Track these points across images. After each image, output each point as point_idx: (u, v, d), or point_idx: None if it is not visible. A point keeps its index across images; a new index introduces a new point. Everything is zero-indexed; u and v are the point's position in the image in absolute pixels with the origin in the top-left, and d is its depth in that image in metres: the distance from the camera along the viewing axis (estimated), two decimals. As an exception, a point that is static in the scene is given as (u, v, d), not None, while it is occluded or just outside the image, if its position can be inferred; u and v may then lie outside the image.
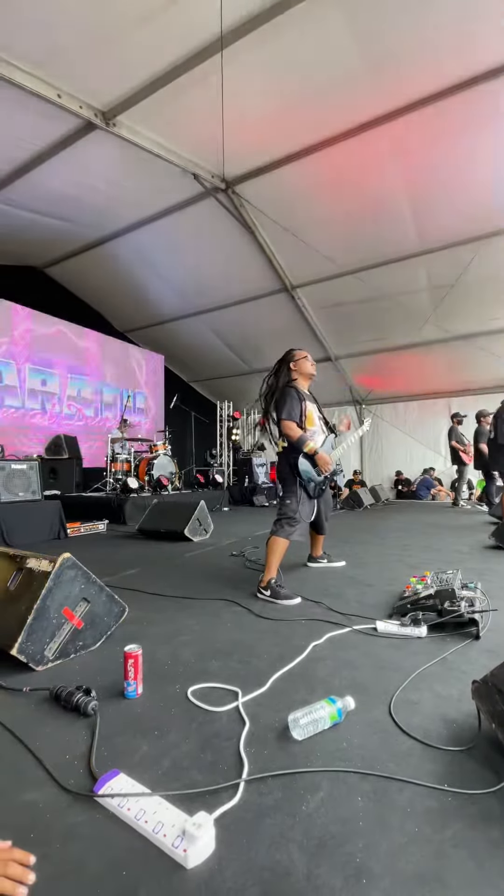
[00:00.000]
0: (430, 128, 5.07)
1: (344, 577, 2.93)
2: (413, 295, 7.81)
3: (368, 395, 11.53)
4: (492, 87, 4.55)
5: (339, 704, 1.24)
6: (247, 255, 7.58)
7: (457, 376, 9.97)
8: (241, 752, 1.12)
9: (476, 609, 1.88)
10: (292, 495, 2.64)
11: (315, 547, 3.24)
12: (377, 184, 5.95)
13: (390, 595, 2.46)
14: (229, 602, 2.40)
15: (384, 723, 1.26)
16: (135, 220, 7.13)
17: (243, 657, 1.70)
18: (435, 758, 1.10)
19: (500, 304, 7.80)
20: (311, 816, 0.93)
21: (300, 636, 1.88)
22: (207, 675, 1.54)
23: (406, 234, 6.68)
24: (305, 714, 1.19)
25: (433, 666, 1.59)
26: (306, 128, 5.27)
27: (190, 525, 4.29)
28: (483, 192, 5.79)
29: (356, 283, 7.74)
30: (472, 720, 1.22)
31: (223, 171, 5.94)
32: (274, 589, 2.41)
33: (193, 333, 10.20)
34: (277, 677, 1.52)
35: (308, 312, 8.86)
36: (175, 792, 0.98)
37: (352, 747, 1.15)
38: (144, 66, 4.53)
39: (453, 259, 6.77)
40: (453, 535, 4.70)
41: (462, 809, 0.94)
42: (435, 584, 2.15)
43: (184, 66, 4.44)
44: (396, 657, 1.68)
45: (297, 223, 6.64)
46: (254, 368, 10.73)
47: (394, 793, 0.99)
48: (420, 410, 11.19)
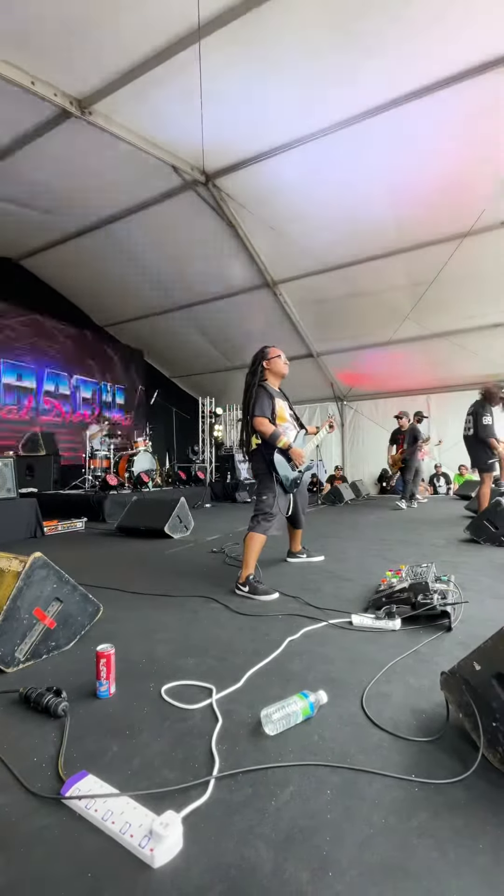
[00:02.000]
0: (409, 125, 5.11)
1: (322, 572, 2.95)
2: (393, 292, 7.89)
3: (349, 391, 11.63)
4: (469, 86, 4.61)
5: (312, 699, 1.25)
6: (228, 250, 7.53)
7: (435, 373, 10.13)
8: (213, 750, 1.11)
9: (448, 601, 1.91)
10: (268, 491, 2.64)
11: (294, 542, 3.26)
12: (356, 180, 5.98)
13: (367, 589, 2.49)
14: (207, 599, 2.40)
15: (356, 716, 1.27)
16: (113, 212, 7.01)
17: (219, 654, 1.70)
18: (404, 749, 1.12)
19: (476, 302, 7.94)
20: (280, 811, 0.93)
21: (277, 631, 1.89)
22: (182, 673, 1.54)
23: (386, 231, 6.74)
24: (278, 709, 1.19)
25: (406, 658, 1.62)
26: (285, 122, 5.25)
27: (170, 522, 4.26)
28: (460, 191, 5.86)
29: (337, 279, 7.78)
30: (442, 711, 1.24)
31: (203, 164, 5.87)
32: (252, 585, 2.41)
33: (175, 328, 10.11)
34: (252, 673, 1.52)
35: (290, 308, 8.87)
36: (144, 792, 0.97)
37: (323, 741, 1.16)
38: (121, 56, 4.44)
39: (432, 257, 6.85)
40: (430, 529, 4.79)
41: (428, 799, 0.96)
42: (409, 578, 2.18)
43: (161, 57, 4.38)
44: (370, 650, 1.70)
45: (278, 219, 6.63)
46: (236, 364, 10.69)
47: (362, 785, 1.00)
48: (400, 407, 11.31)
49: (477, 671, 1.07)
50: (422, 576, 2.17)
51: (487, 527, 3.68)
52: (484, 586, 2.50)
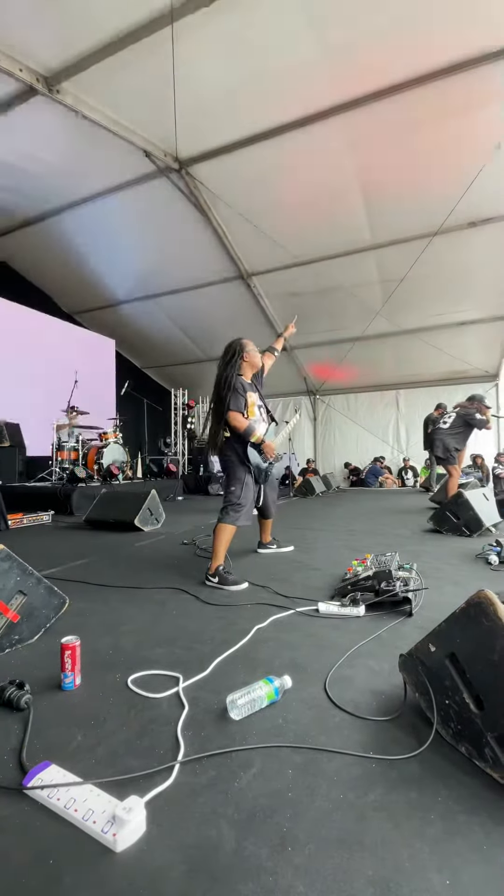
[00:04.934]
0: (383, 123, 5.17)
1: (291, 562, 3.00)
2: (365, 288, 8.01)
3: (322, 385, 11.77)
4: (444, 85, 4.68)
5: (277, 684, 1.28)
6: (202, 240, 7.44)
7: (405, 369, 10.37)
8: (179, 736, 1.13)
9: (409, 588, 1.99)
10: (237, 482, 2.66)
11: (264, 533, 3.29)
12: (331, 175, 6.01)
13: (334, 578, 2.55)
14: (177, 590, 2.40)
15: (319, 699, 1.31)
16: (83, 195, 6.79)
17: (187, 643, 1.71)
18: (363, 728, 1.17)
19: (444, 301, 8.17)
20: (243, 791, 0.96)
21: (245, 620, 1.91)
22: (149, 663, 1.54)
23: (359, 228, 6.81)
24: (243, 695, 1.22)
25: (369, 643, 1.67)
26: (261, 112, 5.21)
27: (140, 514, 4.22)
28: (432, 191, 5.98)
29: (310, 273, 7.83)
30: (400, 691, 1.29)
31: (176, 150, 5.76)
32: (221, 575, 2.43)
33: (147, 318, 9.93)
34: (220, 661, 1.54)
35: (264, 301, 8.86)
36: (108, 779, 0.98)
37: (287, 723, 1.19)
38: (91, 33, 4.29)
39: (403, 254, 6.98)
40: (396, 519, 4.94)
41: (384, 774, 1.00)
42: (374, 566, 2.25)
43: (133, 37, 4.25)
44: (335, 636, 1.75)
45: (253, 210, 6.59)
46: (210, 356, 10.61)
47: (323, 763, 1.04)
48: (370, 401, 11.59)
49: (432, 652, 1.12)
50: (385, 564, 2.24)
51: (450, 517, 3.83)
52: (444, 574, 2.60)
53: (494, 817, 0.89)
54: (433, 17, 4.07)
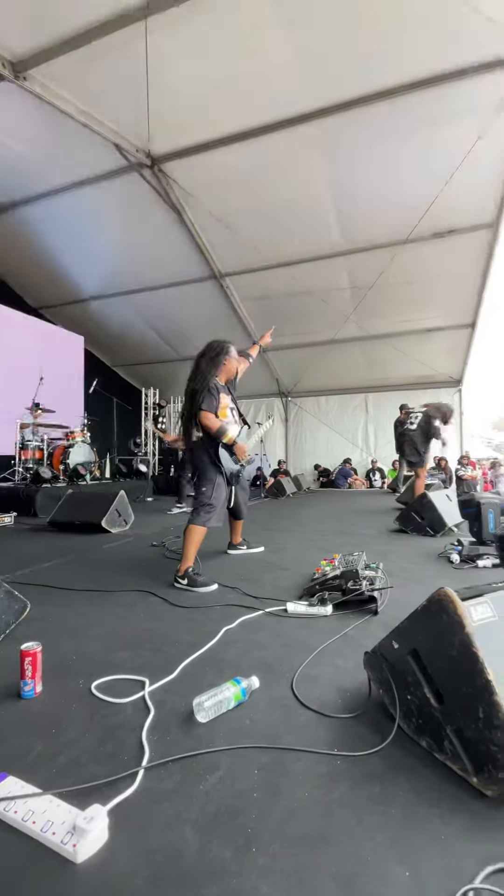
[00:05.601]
0: (353, 132, 5.28)
1: (261, 563, 3.01)
2: (335, 293, 8.14)
3: (294, 387, 11.88)
4: (413, 99, 4.82)
5: (244, 684, 1.28)
6: (175, 238, 7.37)
7: (374, 373, 10.62)
8: (143, 741, 1.11)
9: (375, 587, 2.03)
10: (209, 483, 2.65)
11: (234, 534, 3.29)
12: (304, 181, 6.08)
13: (303, 578, 2.57)
14: (145, 593, 2.36)
15: (286, 698, 1.32)
16: (52, 187, 6.59)
17: (154, 647, 1.68)
18: (329, 726, 1.18)
19: (412, 308, 8.41)
20: (209, 794, 0.95)
21: (214, 622, 1.90)
22: (115, 668, 1.50)
23: (330, 234, 6.93)
24: (210, 697, 1.21)
25: (335, 641, 1.70)
26: (235, 113, 5.22)
27: (108, 516, 4.13)
28: (401, 201, 6.15)
29: (283, 276, 7.89)
30: (365, 688, 1.32)
31: (149, 146, 5.68)
32: (191, 577, 2.41)
33: (117, 315, 9.74)
34: (187, 664, 1.52)
35: (236, 302, 8.86)
36: (68, 788, 0.95)
37: (254, 724, 1.19)
38: (62, 21, 4.18)
39: (372, 261, 7.14)
40: (364, 520, 5.04)
41: (349, 771, 1.02)
42: (342, 566, 2.29)
43: (104, 29, 4.17)
44: (303, 635, 1.77)
45: (226, 210, 6.58)
46: (182, 356, 10.52)
47: (289, 763, 1.04)
48: (340, 404, 11.80)
49: (395, 649, 1.15)
50: (353, 564, 2.29)
51: (415, 518, 3.94)
52: (409, 573, 2.68)
53: (453, 808, 0.92)
54: (405, 32, 4.19)
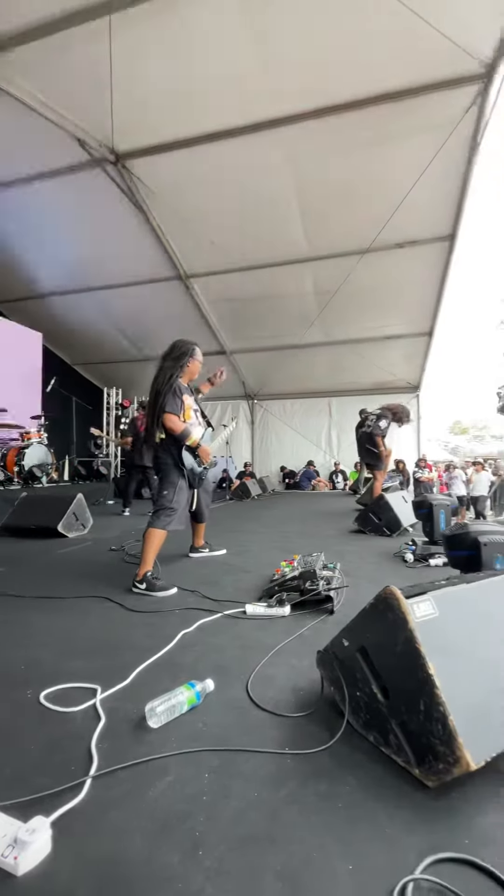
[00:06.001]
0: (319, 141, 5.39)
1: (223, 565, 3.01)
2: (301, 298, 8.28)
3: (260, 390, 11.97)
4: (376, 112, 4.97)
5: (199, 688, 1.28)
6: (139, 237, 7.26)
7: (338, 378, 10.86)
8: (93, 749, 1.08)
9: (332, 587, 2.08)
10: (171, 486, 2.63)
11: (196, 537, 3.27)
12: (270, 186, 6.15)
13: (264, 579, 2.59)
14: (101, 599, 2.30)
15: (241, 700, 1.33)
16: (9, 178, 6.33)
17: (109, 653, 1.65)
18: (281, 725, 1.20)
19: (374, 315, 8.68)
20: (158, 800, 0.94)
21: (171, 626, 1.89)
22: (66, 676, 1.46)
23: (296, 240, 7.03)
24: (163, 702, 1.20)
25: (292, 641, 1.72)
26: (201, 115, 5.22)
27: (65, 520, 4.00)
28: (363, 211, 6.34)
29: (250, 279, 7.94)
30: (317, 687, 1.34)
31: (113, 142, 5.58)
32: (149, 581, 2.38)
33: (78, 312, 9.47)
34: (142, 669, 1.50)
35: (203, 303, 8.83)
36: (11, 801, 0.91)
37: (207, 727, 1.19)
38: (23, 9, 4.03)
39: (336, 269, 7.32)
40: (326, 521, 5.14)
41: (298, 769, 1.04)
42: (301, 567, 2.33)
43: (67, 21, 4.07)
44: (260, 637, 1.78)
45: (192, 211, 6.56)
46: (146, 355, 10.36)
47: (240, 764, 1.05)
48: (305, 407, 11.99)
49: (345, 647, 1.18)
50: (311, 564, 2.33)
51: (373, 518, 4.06)
52: (365, 572, 2.76)
53: (397, 801, 0.95)
54: (368, 46, 4.32)
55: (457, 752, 0.91)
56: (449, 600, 1.10)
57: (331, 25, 4.17)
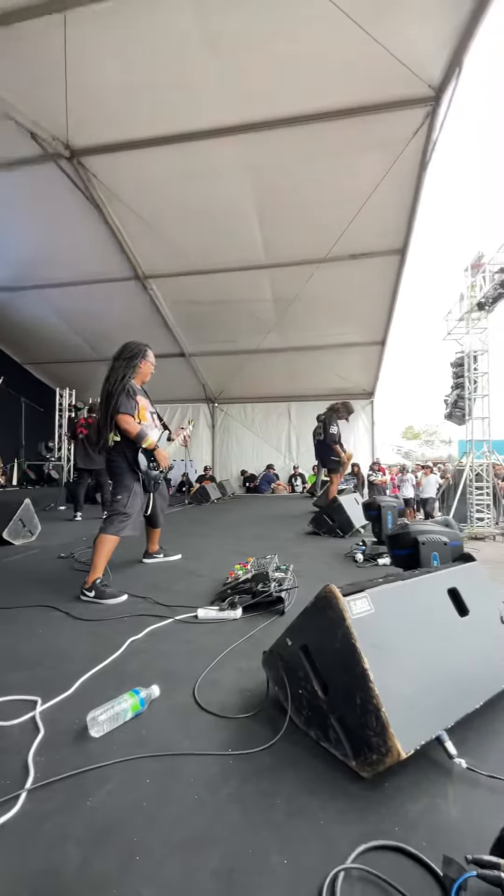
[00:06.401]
0: (275, 151, 5.49)
1: (177, 570, 2.98)
2: (260, 304, 8.37)
3: (220, 393, 11.97)
4: (336, 126, 5.12)
5: (143, 694, 1.26)
6: (95, 235, 7.08)
7: (296, 383, 11.06)
8: (29, 762, 1.05)
9: (283, 588, 2.12)
10: (124, 490, 2.58)
11: (151, 542, 3.23)
12: (228, 192, 6.19)
13: (217, 583, 2.59)
14: (47, 608, 2.22)
15: (187, 704, 1.32)
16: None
17: (52, 664, 1.59)
18: (226, 727, 1.21)
19: (330, 323, 8.92)
20: (96, 810, 0.93)
21: (119, 634, 1.85)
22: (5, 689, 1.40)
23: (254, 246, 7.11)
24: (105, 710, 1.18)
25: (242, 644, 1.74)
26: (159, 116, 5.18)
27: (10, 527, 3.82)
28: (321, 221, 6.50)
29: (209, 283, 7.94)
30: (264, 687, 1.37)
31: (67, 137, 5.43)
32: (98, 589, 2.32)
33: (29, 309, 9.09)
34: (86, 679, 1.46)
35: (161, 305, 8.73)
36: None
37: (151, 733, 1.18)
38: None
39: (294, 276, 7.46)
40: (283, 524, 5.21)
41: (240, 769, 1.05)
42: (254, 569, 2.35)
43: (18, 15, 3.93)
44: (211, 641, 1.78)
45: (151, 212, 6.49)
46: (102, 356, 10.06)
47: (182, 768, 1.05)
48: (265, 412, 12.11)
49: (289, 646, 1.21)
50: (264, 567, 2.36)
51: (326, 520, 4.16)
52: (317, 572, 2.82)
53: (333, 793, 0.98)
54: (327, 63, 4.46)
55: (389, 743, 0.95)
56: (385, 597, 1.15)
57: (288, 40, 4.27)
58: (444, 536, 1.96)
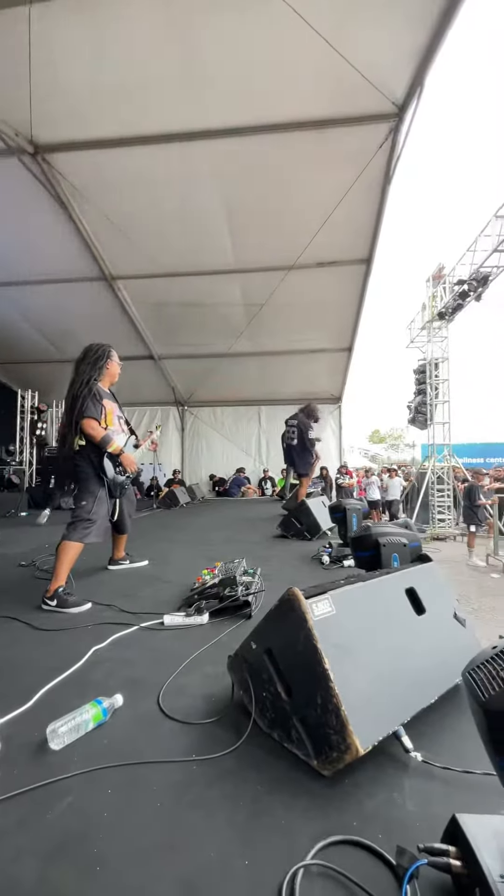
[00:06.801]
0: (244, 158, 5.54)
1: (143, 577, 2.94)
2: (229, 308, 8.39)
3: (190, 397, 11.89)
4: (305, 137, 5.20)
5: (106, 704, 1.25)
6: (60, 233, 6.91)
7: (266, 387, 11.13)
8: (-15, 780, 1.02)
9: (250, 591, 2.13)
10: (89, 496, 2.53)
11: (117, 549, 3.17)
12: (198, 196, 6.19)
13: (185, 589, 2.58)
14: (6, 619, 2.15)
15: (151, 712, 1.31)
16: None
17: (10, 677, 1.55)
18: (190, 733, 1.21)
19: (299, 329, 9.04)
20: (55, 823, 0.91)
21: (83, 643, 1.81)
22: (-41, 705, 1.35)
23: (224, 251, 7.13)
24: (66, 722, 1.15)
25: (208, 649, 1.74)
26: (127, 118, 5.13)
27: (-31, 533, 3.66)
28: (289, 228, 6.59)
29: (179, 286, 7.90)
30: (230, 692, 1.37)
31: (31, 133, 5.28)
32: (61, 597, 2.26)
33: (-12, 308, 8.75)
34: (46, 690, 1.43)
35: (130, 307, 8.61)
36: None
37: (114, 743, 1.17)
38: None
39: (263, 282, 7.53)
40: (252, 527, 5.23)
41: (204, 774, 1.06)
42: (221, 574, 2.35)
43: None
44: (177, 647, 1.77)
45: (119, 213, 6.40)
46: (67, 357, 9.79)
47: (145, 776, 1.04)
48: (235, 415, 12.13)
49: (253, 650, 1.23)
50: (232, 571, 2.37)
51: (295, 523, 4.21)
52: (284, 575, 2.86)
53: (295, 793, 1.00)
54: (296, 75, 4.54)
55: (348, 740, 0.98)
56: (346, 598, 1.19)
57: (259, 49, 4.33)
58: (403, 538, 2.04)
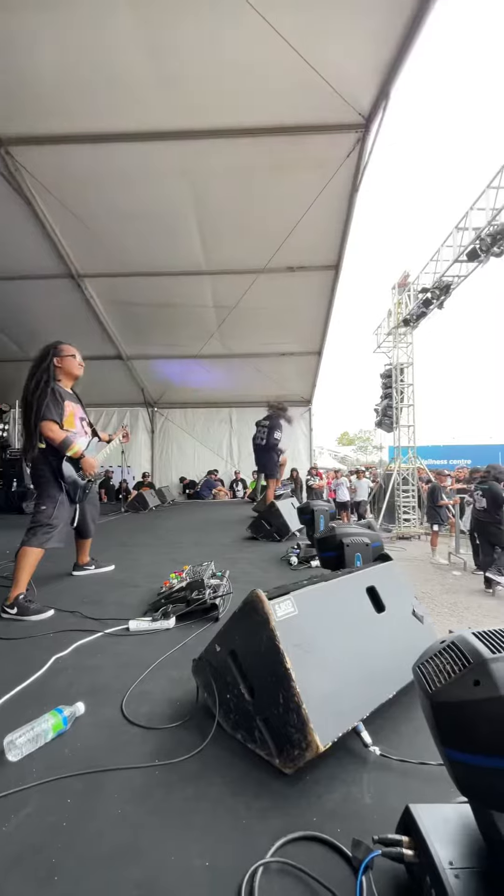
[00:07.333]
0: (214, 161, 5.55)
1: (109, 582, 2.89)
2: (200, 309, 8.37)
3: (160, 398, 11.76)
4: (274, 142, 5.24)
5: (67, 713, 1.22)
6: (23, 228, 6.69)
7: (237, 390, 11.16)
8: None
9: (218, 594, 2.13)
10: (49, 500, 2.47)
11: (81, 554, 3.10)
12: (169, 197, 6.15)
13: (152, 593, 2.55)
14: (-37, 627, 2.06)
15: (114, 719, 1.30)
16: None
17: (-34, 687, 1.49)
18: (153, 738, 1.20)
19: (270, 332, 9.12)
20: (12, 835, 0.89)
21: (44, 651, 1.76)
22: None
23: (194, 252, 7.11)
24: (23, 733, 1.13)
25: (174, 653, 1.73)
26: (96, 114, 5.03)
27: None
28: (259, 232, 6.64)
29: (148, 286, 7.81)
30: (193, 696, 1.37)
31: (-7, 125, 5.11)
32: (21, 605, 2.19)
33: None
34: (4, 701, 1.38)
35: (97, 306, 8.44)
36: None
37: (74, 752, 1.15)
38: None
39: (234, 285, 7.55)
40: (222, 529, 5.22)
41: (166, 778, 1.05)
42: (189, 577, 2.34)
43: None
44: (142, 652, 1.76)
45: (86, 210, 6.28)
46: (30, 356, 9.43)
47: (106, 784, 1.03)
48: (206, 417, 12.08)
49: (217, 652, 1.24)
50: (199, 574, 2.36)
51: (264, 525, 4.24)
52: (253, 577, 2.87)
53: (257, 792, 1.01)
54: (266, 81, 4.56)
55: (308, 737, 1.01)
56: (308, 598, 1.21)
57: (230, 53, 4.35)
58: (366, 538, 2.10)
